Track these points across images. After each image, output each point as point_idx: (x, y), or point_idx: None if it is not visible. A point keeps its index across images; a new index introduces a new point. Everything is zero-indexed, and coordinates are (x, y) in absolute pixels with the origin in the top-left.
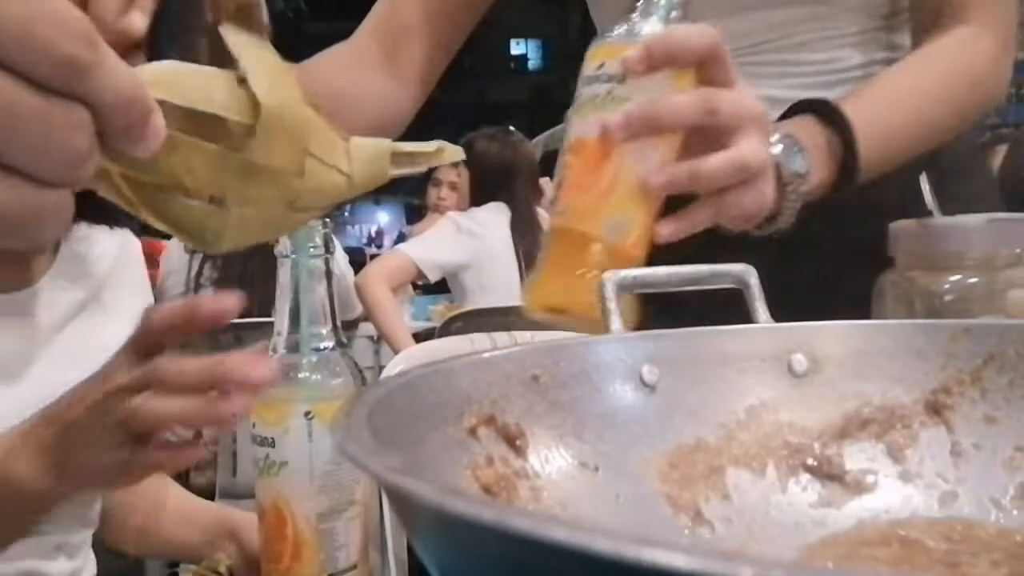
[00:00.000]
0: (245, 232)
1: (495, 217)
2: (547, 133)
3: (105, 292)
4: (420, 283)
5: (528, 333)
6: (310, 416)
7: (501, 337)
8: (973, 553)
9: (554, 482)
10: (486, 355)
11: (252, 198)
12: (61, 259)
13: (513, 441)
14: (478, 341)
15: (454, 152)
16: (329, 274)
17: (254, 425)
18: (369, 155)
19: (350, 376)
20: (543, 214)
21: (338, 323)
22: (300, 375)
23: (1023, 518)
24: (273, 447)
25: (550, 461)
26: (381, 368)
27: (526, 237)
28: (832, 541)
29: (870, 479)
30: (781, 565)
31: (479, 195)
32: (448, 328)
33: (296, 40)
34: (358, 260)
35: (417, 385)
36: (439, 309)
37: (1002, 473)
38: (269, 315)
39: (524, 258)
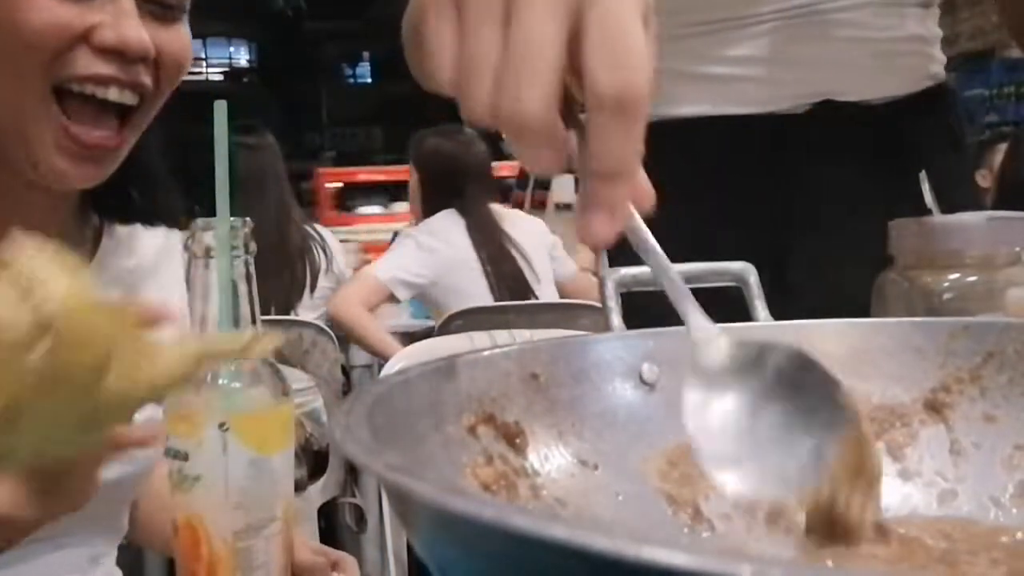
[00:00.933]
0: (41, 448)
1: (450, 225)
2: None
3: (144, 292)
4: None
5: (528, 331)
6: (224, 427)
7: (501, 335)
8: (972, 551)
9: (553, 480)
10: (486, 353)
11: (48, 412)
12: (102, 255)
13: (513, 439)
14: (478, 339)
15: (267, 343)
16: (250, 276)
17: (168, 437)
18: (175, 360)
19: (272, 385)
20: (500, 211)
21: (259, 328)
22: (218, 382)
23: (1022, 516)
24: (186, 460)
25: (550, 459)
26: (380, 367)
27: (487, 243)
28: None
29: None
30: (780, 563)
31: (430, 199)
32: (448, 326)
33: (295, 38)
34: None
35: (417, 383)
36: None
37: (1001, 471)
38: (286, 312)
39: (489, 262)
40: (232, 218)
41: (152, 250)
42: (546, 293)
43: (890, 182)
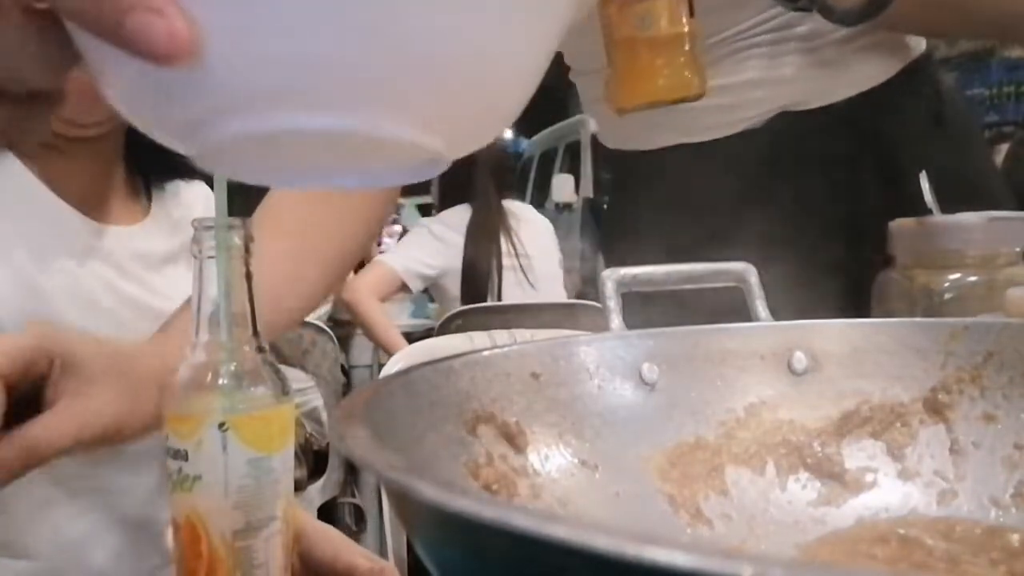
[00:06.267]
0: None
1: (460, 220)
2: (547, 130)
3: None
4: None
5: (527, 331)
6: (224, 428)
7: (501, 335)
8: (972, 551)
9: (554, 480)
10: (486, 353)
11: None
12: (155, 207)
13: (513, 439)
14: (477, 339)
15: None
16: (250, 276)
17: (168, 437)
18: None
19: (272, 385)
20: (513, 208)
21: (259, 328)
22: (218, 383)
23: (1022, 516)
24: (186, 460)
25: (550, 459)
26: (380, 366)
27: (479, 242)
28: (831, 539)
29: (869, 477)
30: (780, 563)
31: (444, 193)
32: (447, 326)
33: None
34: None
35: (417, 383)
36: (438, 308)
37: (1001, 471)
38: None
39: (469, 260)
40: (232, 218)
41: (199, 200)
42: (545, 292)
43: (869, 178)
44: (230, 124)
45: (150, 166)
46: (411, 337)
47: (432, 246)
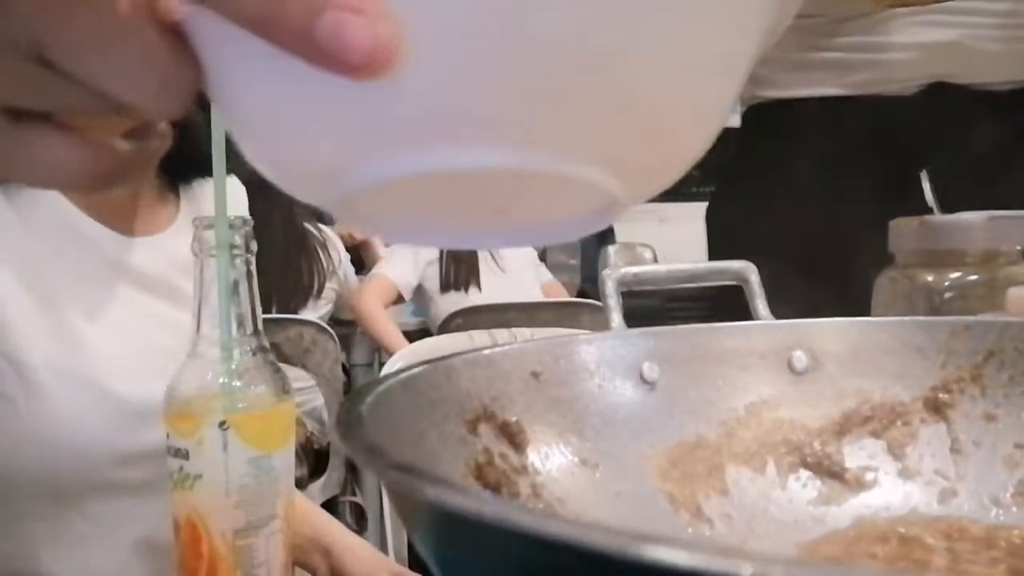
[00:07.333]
0: None
1: None
2: None
3: None
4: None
5: (528, 330)
6: (225, 426)
7: (501, 334)
8: (972, 550)
9: (554, 479)
10: (486, 352)
11: None
12: (184, 205)
13: (513, 438)
14: (478, 338)
15: None
16: (251, 274)
17: (168, 435)
18: None
19: (272, 384)
20: None
21: (260, 327)
22: (219, 381)
23: (1022, 515)
24: (187, 459)
25: (550, 458)
26: (381, 366)
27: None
28: (832, 538)
29: (870, 476)
30: (781, 562)
31: None
32: (448, 324)
33: None
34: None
35: (417, 382)
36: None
37: (1002, 470)
38: (287, 311)
39: (446, 256)
40: (233, 216)
41: (231, 196)
42: (517, 280)
43: (1007, 173)
44: (402, 159)
45: (172, 168)
46: (412, 335)
47: (412, 253)
